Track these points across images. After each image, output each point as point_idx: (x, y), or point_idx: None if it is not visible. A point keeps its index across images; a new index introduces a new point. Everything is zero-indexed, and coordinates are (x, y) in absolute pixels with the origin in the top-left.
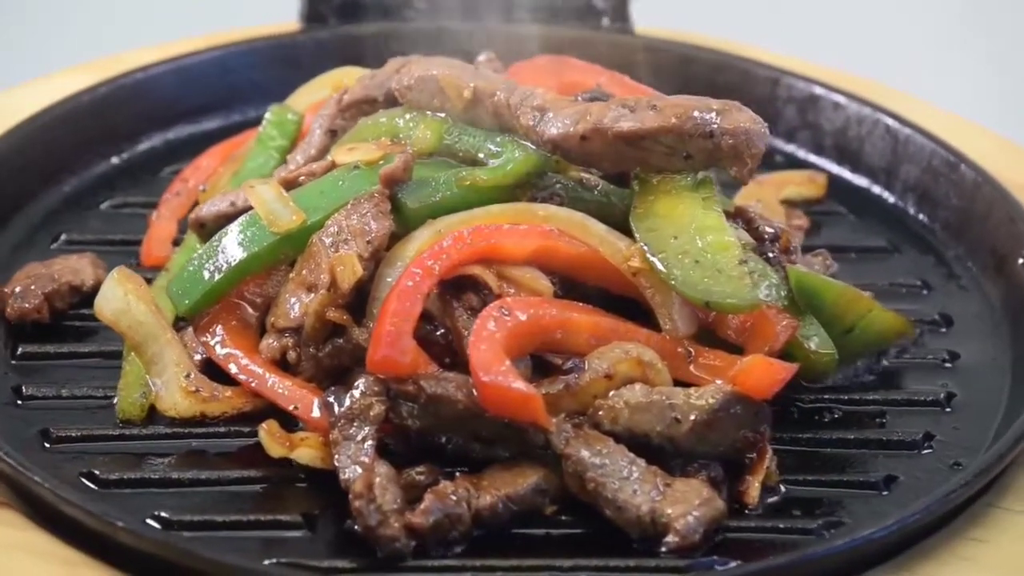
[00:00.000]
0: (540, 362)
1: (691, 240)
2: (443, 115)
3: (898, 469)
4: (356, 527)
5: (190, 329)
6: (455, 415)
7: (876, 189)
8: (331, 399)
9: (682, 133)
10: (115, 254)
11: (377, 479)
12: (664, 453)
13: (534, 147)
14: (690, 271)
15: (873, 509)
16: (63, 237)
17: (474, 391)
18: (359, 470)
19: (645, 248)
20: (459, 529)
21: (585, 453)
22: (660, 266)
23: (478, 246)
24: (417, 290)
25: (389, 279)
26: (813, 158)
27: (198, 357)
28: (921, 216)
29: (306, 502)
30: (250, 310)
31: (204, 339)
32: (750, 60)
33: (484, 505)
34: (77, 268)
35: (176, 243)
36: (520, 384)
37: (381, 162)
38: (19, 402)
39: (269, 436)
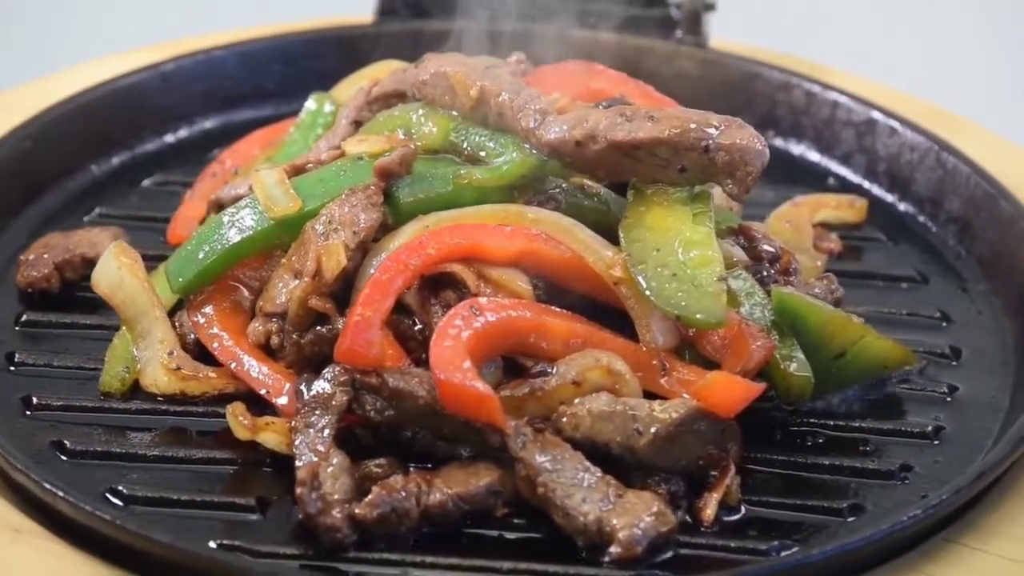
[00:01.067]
0: (515, 365)
1: (673, 253)
2: (453, 112)
3: (868, 498)
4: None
5: None
6: (416, 411)
7: (921, 218)
8: (301, 386)
9: (677, 146)
10: (144, 230)
11: (329, 468)
12: (625, 464)
13: (534, 150)
14: (665, 284)
15: (831, 535)
16: (97, 211)
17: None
18: (313, 458)
19: (627, 258)
20: (407, 524)
21: (539, 457)
22: (638, 277)
23: (459, 244)
24: (390, 284)
25: (372, 271)
26: (867, 184)
27: (193, 337)
28: (960, 248)
29: (266, 487)
30: (246, 293)
31: (194, 318)
32: (814, 80)
33: (434, 502)
34: (96, 241)
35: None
36: (477, 384)
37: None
38: (11, 368)
39: (234, 419)
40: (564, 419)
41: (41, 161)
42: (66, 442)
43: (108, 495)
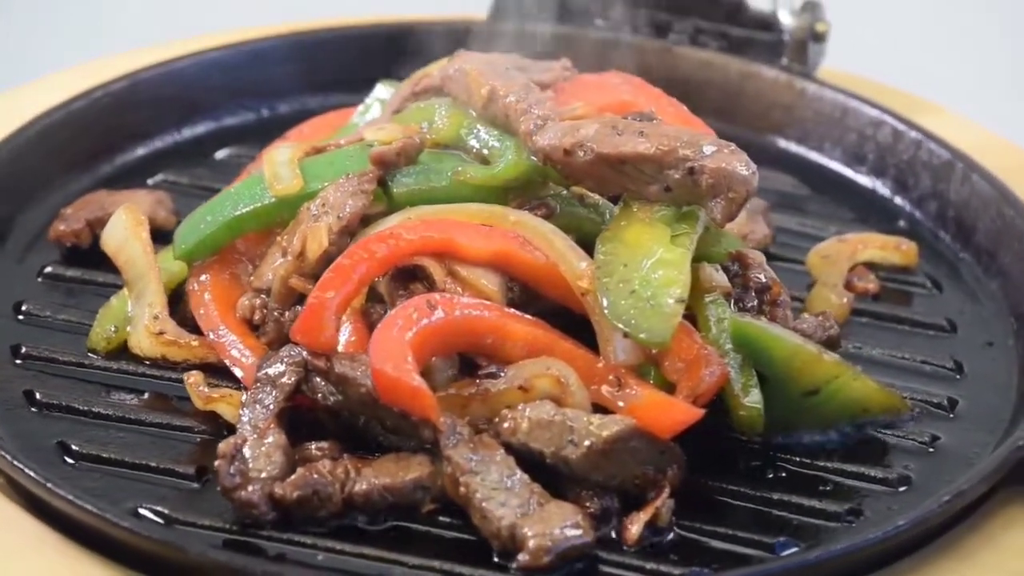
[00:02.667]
0: (474, 364)
1: (639, 270)
2: (470, 110)
3: (804, 538)
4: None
5: None
6: (359, 399)
7: (977, 271)
8: (263, 362)
9: (662, 164)
10: (200, 198)
11: (263, 446)
12: (561, 474)
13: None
14: (622, 299)
15: (752, 566)
16: (161, 175)
17: None
18: (247, 432)
19: (596, 270)
20: (329, 509)
21: (466, 457)
22: (600, 290)
23: (431, 238)
24: (351, 269)
25: None
26: (935, 228)
27: None
28: (1003, 304)
29: (213, 457)
30: (250, 267)
31: (190, 286)
32: (902, 118)
33: (359, 490)
34: (136, 201)
35: None
36: (412, 377)
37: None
38: (19, 318)
39: (191, 387)
40: (505, 423)
41: (123, 120)
42: (37, 393)
43: (57, 448)
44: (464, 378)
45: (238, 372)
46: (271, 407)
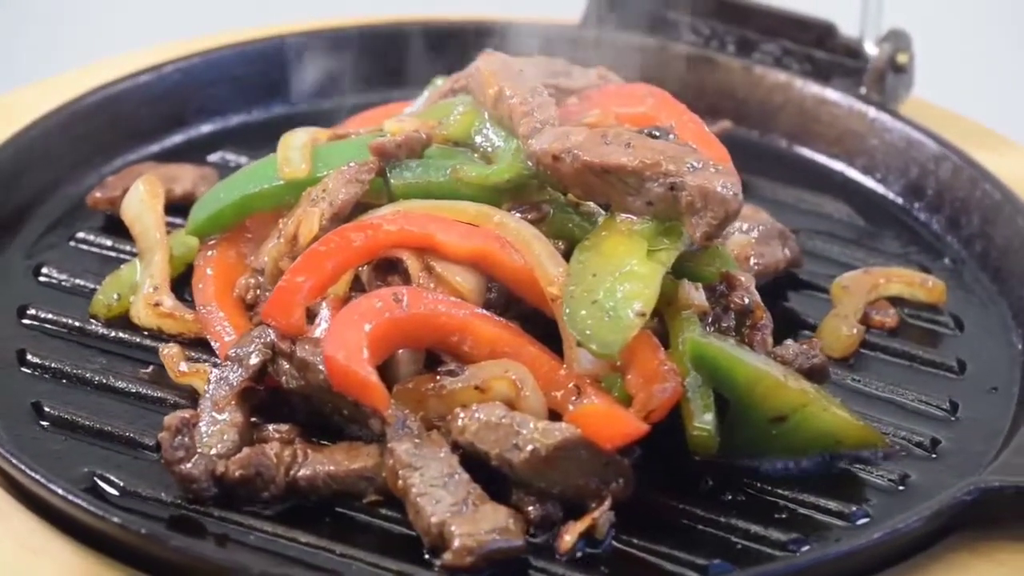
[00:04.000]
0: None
1: (607, 281)
2: (483, 109)
3: (741, 563)
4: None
5: None
6: (318, 384)
7: (1008, 317)
8: (236, 341)
9: (644, 177)
10: None
11: (217, 423)
12: (506, 478)
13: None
14: (582, 308)
15: None
16: (219, 153)
17: None
18: (208, 411)
19: (567, 278)
20: (272, 491)
21: (408, 452)
22: (565, 297)
23: (410, 232)
24: (325, 256)
25: None
26: (978, 270)
27: None
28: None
29: None
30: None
31: (198, 261)
32: (965, 156)
33: (303, 475)
34: (180, 175)
35: None
36: (362, 367)
37: None
38: (38, 279)
39: (167, 359)
40: (456, 422)
41: (190, 95)
42: (29, 353)
43: (32, 409)
44: (427, 374)
45: (216, 347)
46: (234, 385)
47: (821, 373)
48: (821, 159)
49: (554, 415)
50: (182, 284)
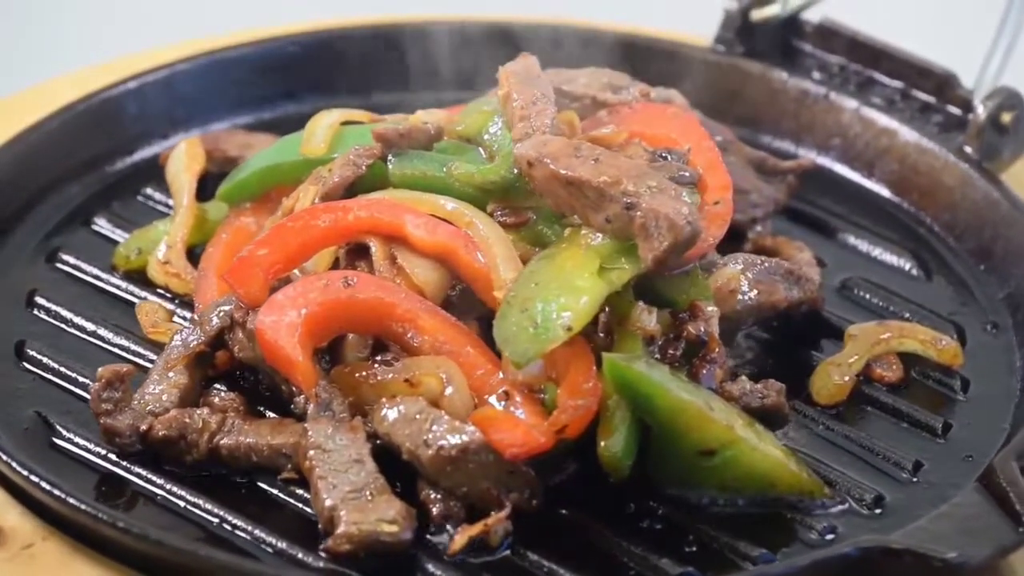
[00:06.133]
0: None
1: (545, 292)
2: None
3: None
4: None
5: None
6: (262, 357)
7: (1017, 390)
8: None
9: (603, 194)
10: None
11: (162, 384)
12: (418, 473)
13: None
14: (511, 316)
15: None
16: None
17: None
18: (166, 373)
19: (513, 284)
20: (193, 455)
21: (322, 433)
22: (502, 303)
23: (379, 220)
24: (291, 232)
25: None
26: (1017, 337)
27: None
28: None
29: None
30: None
31: (221, 226)
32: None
33: (225, 443)
34: (247, 143)
35: None
36: (288, 343)
37: None
38: (91, 227)
39: (139, 313)
40: (379, 412)
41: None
42: (39, 294)
43: (15, 347)
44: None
45: (197, 309)
46: (189, 346)
47: (775, 414)
48: (911, 210)
49: None
50: None
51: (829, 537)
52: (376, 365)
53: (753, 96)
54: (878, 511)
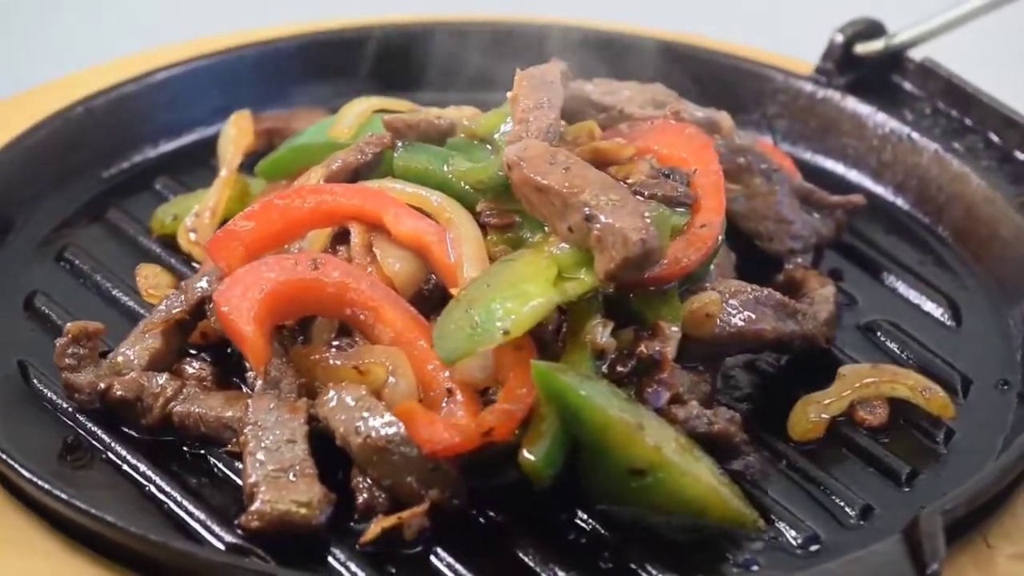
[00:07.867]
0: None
1: (493, 294)
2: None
3: None
4: None
5: None
6: None
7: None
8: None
9: (567, 202)
10: None
11: (136, 346)
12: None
13: None
14: (455, 314)
15: None
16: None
17: None
18: (147, 341)
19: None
20: (147, 419)
21: (261, 409)
22: (451, 301)
23: (360, 207)
24: (276, 209)
25: None
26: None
27: None
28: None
29: None
30: None
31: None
32: None
33: (177, 411)
34: (307, 119)
35: None
36: (241, 317)
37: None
38: (154, 188)
39: (137, 276)
40: (323, 396)
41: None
42: (69, 249)
43: (26, 298)
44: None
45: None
46: (171, 312)
47: (724, 442)
48: (966, 258)
49: None
50: None
51: (752, 569)
52: (331, 349)
53: (840, 126)
54: (811, 549)
